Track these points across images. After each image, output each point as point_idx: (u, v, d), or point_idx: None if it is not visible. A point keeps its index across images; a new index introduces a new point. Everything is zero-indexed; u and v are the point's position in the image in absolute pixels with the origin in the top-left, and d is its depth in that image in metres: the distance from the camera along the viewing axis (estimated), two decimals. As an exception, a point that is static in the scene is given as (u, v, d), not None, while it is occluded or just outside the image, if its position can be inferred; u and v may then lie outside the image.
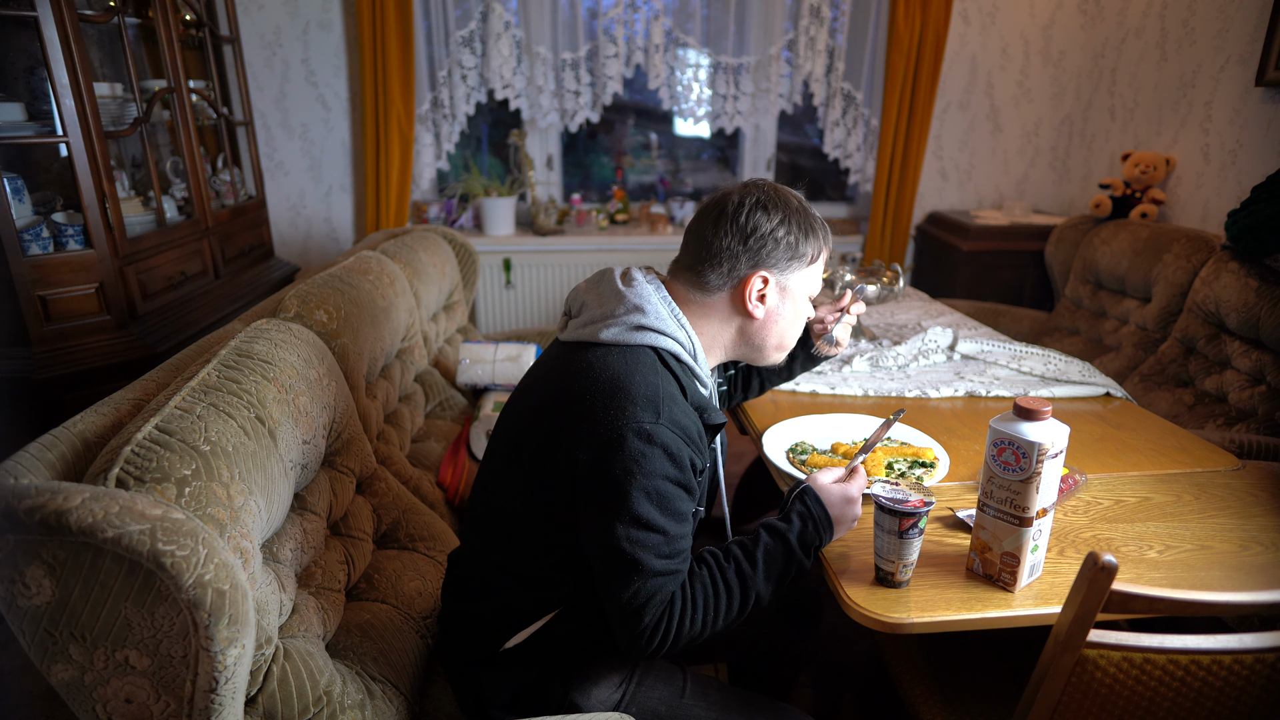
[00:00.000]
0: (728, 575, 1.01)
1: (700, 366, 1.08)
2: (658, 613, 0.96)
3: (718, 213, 1.07)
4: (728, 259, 1.06)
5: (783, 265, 1.07)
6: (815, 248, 1.10)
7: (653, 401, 0.95)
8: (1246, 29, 2.58)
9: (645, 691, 1.14)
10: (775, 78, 3.32)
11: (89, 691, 0.78)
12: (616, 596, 0.96)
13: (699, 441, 1.00)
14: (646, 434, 0.93)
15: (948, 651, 1.29)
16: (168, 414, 0.93)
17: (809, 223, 1.09)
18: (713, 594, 0.99)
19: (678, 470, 0.96)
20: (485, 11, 3.09)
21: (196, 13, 2.53)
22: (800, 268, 1.09)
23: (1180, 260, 2.46)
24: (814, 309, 1.19)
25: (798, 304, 1.12)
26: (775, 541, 1.03)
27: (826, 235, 1.12)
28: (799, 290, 1.11)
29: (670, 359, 1.03)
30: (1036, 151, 3.62)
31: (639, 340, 1.02)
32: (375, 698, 1.09)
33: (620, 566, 0.95)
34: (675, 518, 0.96)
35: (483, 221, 3.38)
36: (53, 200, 2.07)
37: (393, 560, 1.36)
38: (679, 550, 0.98)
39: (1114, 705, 0.86)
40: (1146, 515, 1.19)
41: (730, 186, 1.10)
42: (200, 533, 0.78)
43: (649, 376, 0.98)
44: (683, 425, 0.97)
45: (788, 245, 1.06)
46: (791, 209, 1.07)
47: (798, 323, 1.14)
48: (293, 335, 1.26)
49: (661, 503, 0.95)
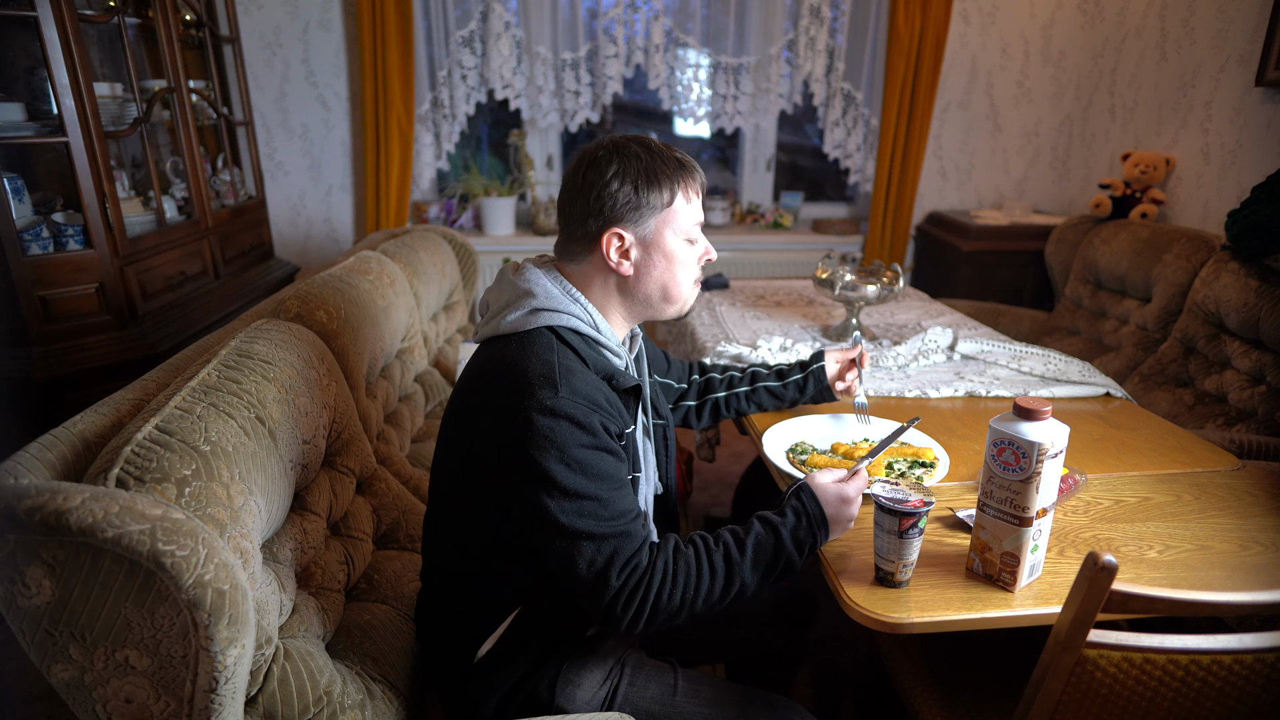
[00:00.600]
0: (714, 557, 1.01)
1: (605, 336, 1.08)
2: (625, 578, 0.95)
3: (565, 179, 1.08)
4: (578, 223, 1.06)
5: (631, 217, 1.04)
6: (664, 193, 1.05)
7: (549, 378, 0.96)
8: (1246, 29, 2.58)
9: (637, 691, 1.14)
10: (775, 78, 3.32)
11: (89, 691, 0.78)
12: (576, 572, 0.95)
13: (609, 408, 1.00)
14: (549, 409, 0.93)
15: (948, 651, 1.29)
16: (168, 414, 0.93)
17: (652, 168, 1.04)
18: (695, 572, 0.99)
19: (591, 437, 0.96)
20: (485, 11, 3.10)
21: (196, 13, 2.53)
22: (652, 216, 1.05)
23: (1180, 260, 2.46)
24: (696, 246, 1.12)
25: (667, 249, 1.08)
26: (767, 532, 1.03)
27: (682, 175, 1.07)
28: (665, 239, 1.07)
29: (569, 334, 1.04)
30: (1036, 151, 3.62)
31: (534, 324, 1.03)
32: (375, 698, 1.09)
33: (568, 542, 0.95)
34: (605, 481, 0.96)
35: (483, 221, 3.38)
36: (53, 200, 2.07)
37: (393, 561, 1.36)
38: (622, 512, 0.97)
39: (1114, 705, 0.86)
40: (1146, 515, 1.19)
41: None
42: (200, 533, 0.78)
43: (543, 355, 0.99)
44: (586, 394, 0.97)
45: (626, 197, 1.03)
46: (629, 158, 1.03)
47: (679, 269, 1.10)
48: (293, 335, 1.26)
49: (585, 470, 0.95)
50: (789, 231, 3.58)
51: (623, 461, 1.01)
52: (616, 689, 1.14)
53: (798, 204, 3.67)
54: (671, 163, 1.06)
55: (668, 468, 1.27)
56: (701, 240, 1.13)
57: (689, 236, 1.10)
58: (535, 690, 1.09)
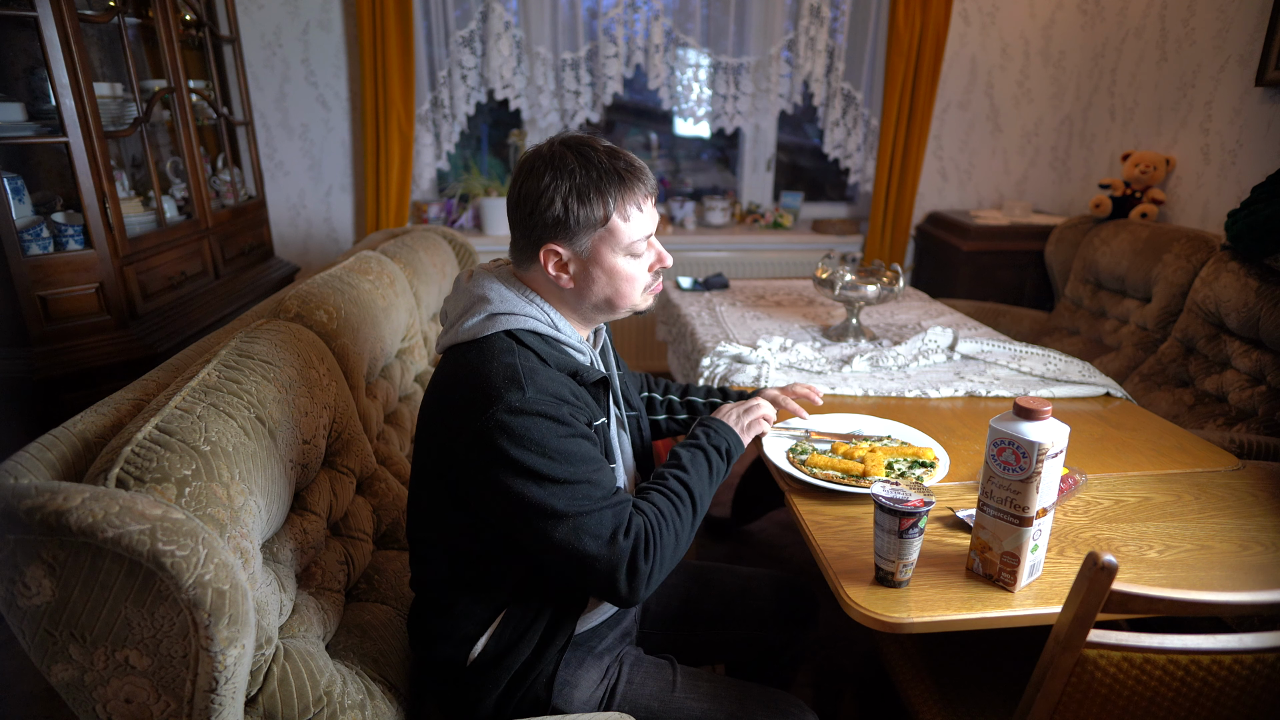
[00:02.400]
0: (672, 485, 1.07)
1: (565, 334, 1.08)
2: (633, 537, 0.98)
3: (509, 182, 1.06)
4: (521, 232, 1.03)
5: (564, 235, 1.00)
6: (597, 210, 0.99)
7: (514, 380, 0.96)
8: (1246, 29, 2.58)
9: (635, 688, 1.14)
10: (775, 78, 3.32)
11: (89, 691, 0.78)
12: (585, 552, 0.96)
13: (576, 401, 1.01)
14: (519, 409, 0.94)
15: (948, 651, 1.29)
16: (168, 414, 0.93)
17: (585, 186, 0.98)
18: (671, 505, 1.04)
19: (566, 427, 0.96)
20: (485, 11, 3.10)
21: (196, 13, 2.53)
22: (588, 234, 1.01)
23: (1180, 260, 2.46)
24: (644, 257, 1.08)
25: (608, 267, 1.03)
26: (692, 451, 1.14)
27: (620, 189, 1.00)
28: (602, 256, 1.03)
29: (527, 336, 1.03)
30: (1036, 151, 3.62)
31: (492, 329, 1.03)
32: (375, 698, 1.09)
33: (571, 527, 0.95)
34: (589, 463, 0.98)
35: (483, 221, 3.38)
36: (53, 200, 2.07)
37: (393, 561, 1.36)
38: (612, 488, 1.00)
39: (1114, 705, 0.86)
40: (1146, 515, 1.19)
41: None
42: (200, 533, 0.78)
43: (503, 360, 0.99)
44: (552, 390, 0.98)
45: (556, 216, 0.99)
46: (563, 173, 0.98)
47: (622, 283, 1.06)
48: (293, 335, 1.26)
49: (568, 458, 0.95)
50: (789, 231, 3.58)
51: (595, 443, 1.02)
52: (615, 687, 1.14)
53: (798, 204, 3.67)
54: (610, 176, 0.99)
55: (644, 457, 1.28)
56: (649, 251, 1.08)
57: (631, 251, 1.05)
58: (532, 690, 1.09)
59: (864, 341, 1.95)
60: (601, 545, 0.96)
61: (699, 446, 1.15)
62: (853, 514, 1.18)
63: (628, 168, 1.02)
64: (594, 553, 0.96)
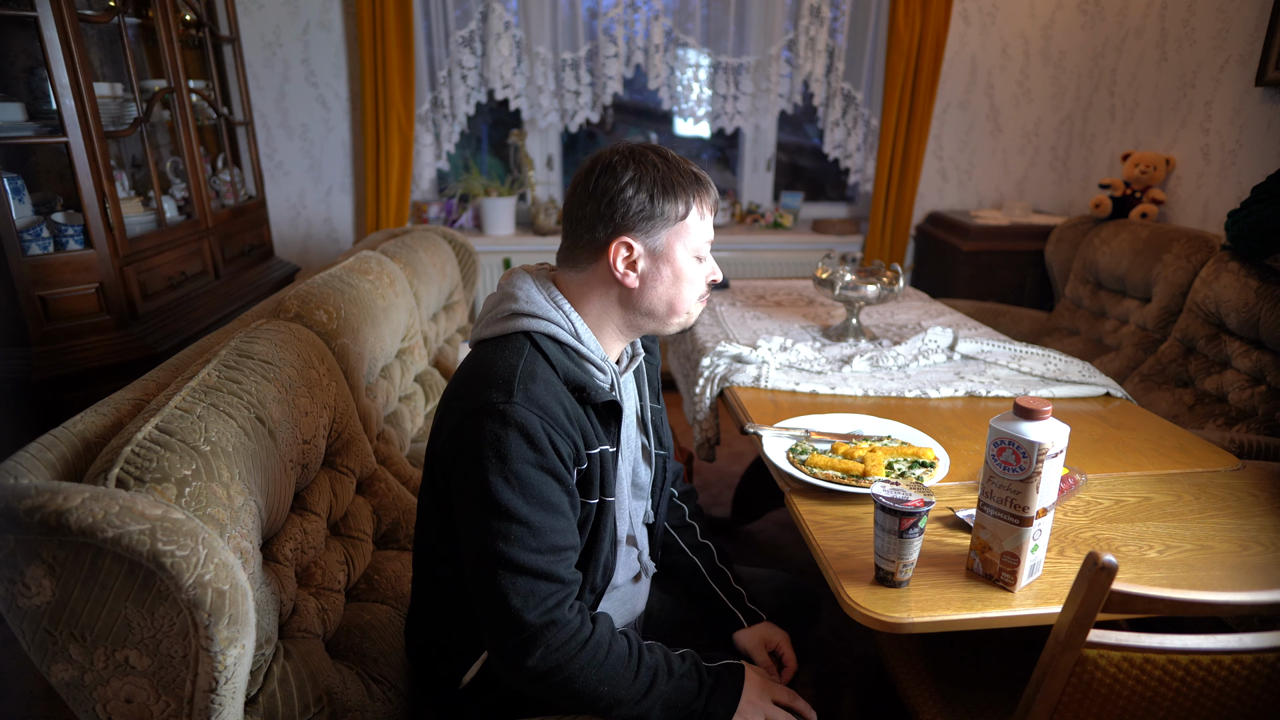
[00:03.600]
0: (649, 658, 0.98)
1: (587, 346, 1.04)
2: (537, 615, 0.90)
3: (575, 183, 1.04)
4: (585, 229, 1.02)
5: (643, 227, 1.01)
6: (679, 206, 1.02)
7: (507, 381, 0.93)
8: (1246, 29, 2.58)
9: None
10: (775, 78, 3.32)
11: (89, 691, 0.78)
12: (481, 597, 0.91)
13: (568, 422, 0.96)
14: (499, 414, 0.90)
15: (948, 651, 1.29)
16: (168, 414, 0.93)
17: (669, 179, 1.01)
18: (623, 661, 0.95)
19: (538, 454, 0.91)
20: (485, 11, 3.10)
21: (196, 13, 2.53)
22: (665, 228, 1.02)
23: (1180, 260, 2.46)
24: (704, 264, 1.08)
25: (676, 265, 1.04)
26: (692, 680, 1.02)
27: (699, 189, 1.04)
28: (673, 251, 1.03)
29: (545, 341, 1.01)
30: (1036, 151, 3.62)
31: (513, 327, 1.01)
32: (375, 698, 1.09)
33: (482, 561, 0.91)
34: (544, 508, 0.92)
35: (483, 221, 3.38)
36: (53, 200, 2.07)
37: (393, 561, 1.37)
38: (553, 546, 0.92)
39: (1114, 705, 0.86)
40: (1146, 515, 1.19)
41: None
42: (200, 533, 0.78)
43: (510, 359, 0.97)
44: (542, 403, 0.93)
45: (640, 206, 1.00)
46: (646, 166, 1.00)
47: (685, 286, 1.06)
48: (293, 335, 1.26)
49: (524, 490, 0.90)
50: (789, 231, 3.58)
51: (565, 487, 0.96)
52: None
53: (798, 204, 3.67)
54: (688, 175, 1.03)
55: (660, 499, 1.24)
56: (709, 259, 1.10)
57: (698, 253, 1.06)
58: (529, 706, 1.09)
59: (864, 341, 1.95)
60: (503, 602, 0.90)
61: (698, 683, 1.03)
62: (853, 514, 1.18)
63: (701, 173, 1.05)
64: (483, 600, 0.91)
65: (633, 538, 1.17)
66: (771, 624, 1.26)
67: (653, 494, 1.22)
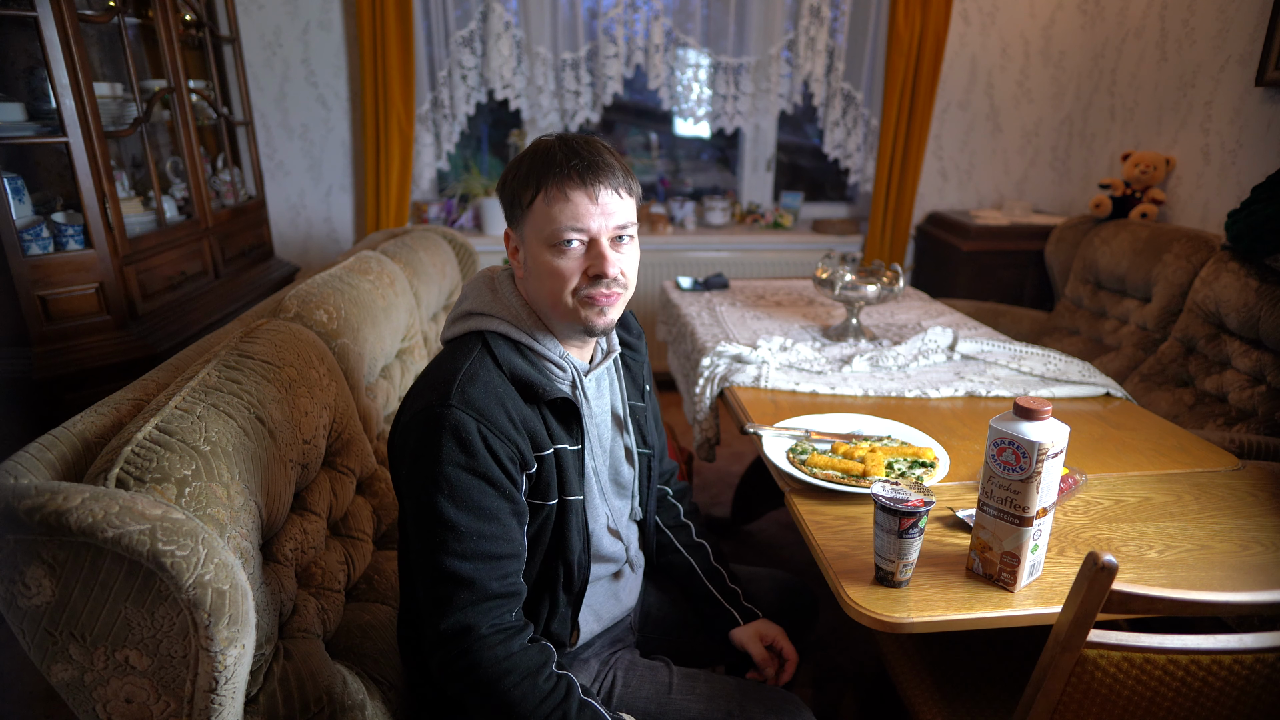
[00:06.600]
0: (565, 705, 0.92)
1: (542, 344, 1.02)
2: (448, 623, 0.89)
3: None
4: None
5: (512, 216, 1.01)
6: (529, 191, 0.97)
7: (446, 384, 0.92)
8: (1246, 29, 2.58)
9: (631, 692, 1.13)
10: (775, 78, 3.32)
11: (89, 691, 0.78)
12: (421, 597, 0.93)
13: (512, 427, 0.93)
14: (433, 417, 0.90)
15: (948, 651, 1.29)
16: (168, 414, 0.93)
17: (530, 165, 0.97)
18: (530, 704, 0.90)
19: (468, 457, 0.89)
20: (485, 11, 3.10)
21: (196, 13, 2.53)
22: (523, 216, 0.99)
23: (1180, 260, 2.46)
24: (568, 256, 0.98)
25: (535, 255, 0.99)
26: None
27: (558, 172, 0.95)
28: (530, 239, 0.99)
29: (495, 340, 1.00)
30: (1036, 151, 3.62)
31: (465, 328, 1.02)
32: (375, 698, 1.09)
33: (418, 562, 0.92)
34: (472, 513, 0.90)
35: (483, 221, 3.38)
36: (53, 200, 2.07)
37: (392, 561, 1.37)
38: (480, 553, 0.90)
39: (1114, 705, 0.86)
40: (1146, 515, 1.19)
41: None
42: (200, 533, 0.78)
43: (457, 361, 0.96)
44: (480, 406, 0.91)
45: (509, 195, 1.00)
46: (527, 153, 0.99)
47: (549, 278, 0.98)
48: (293, 335, 1.26)
49: (452, 493, 0.89)
50: (789, 231, 3.58)
51: (501, 493, 0.93)
52: (610, 694, 1.13)
53: (798, 204, 3.67)
54: (552, 158, 0.96)
55: (648, 496, 1.24)
56: (598, 251, 0.97)
57: (549, 240, 0.97)
58: None
59: (864, 341, 1.95)
60: (427, 605, 0.91)
61: None
62: (853, 514, 1.18)
63: (575, 154, 0.96)
64: (422, 597, 0.92)
65: (616, 534, 1.16)
66: (767, 620, 1.26)
67: (640, 492, 1.22)
